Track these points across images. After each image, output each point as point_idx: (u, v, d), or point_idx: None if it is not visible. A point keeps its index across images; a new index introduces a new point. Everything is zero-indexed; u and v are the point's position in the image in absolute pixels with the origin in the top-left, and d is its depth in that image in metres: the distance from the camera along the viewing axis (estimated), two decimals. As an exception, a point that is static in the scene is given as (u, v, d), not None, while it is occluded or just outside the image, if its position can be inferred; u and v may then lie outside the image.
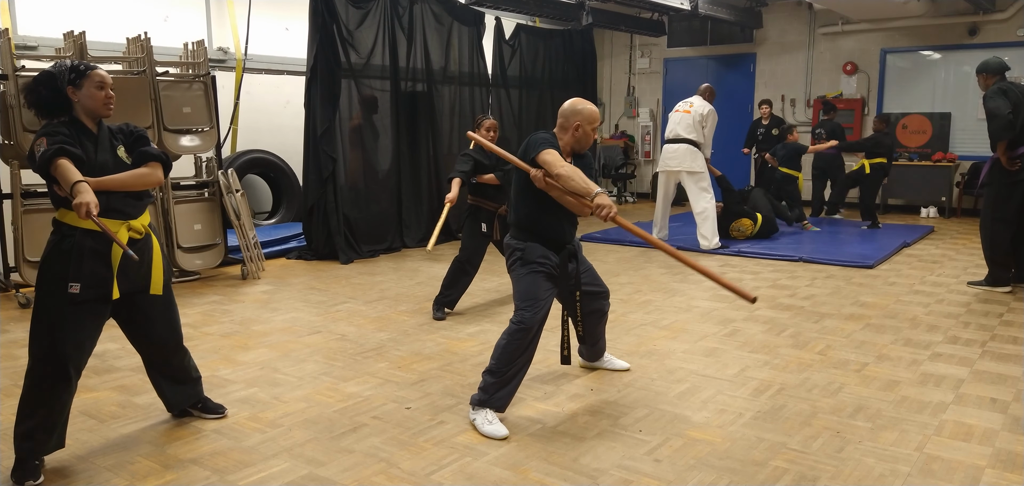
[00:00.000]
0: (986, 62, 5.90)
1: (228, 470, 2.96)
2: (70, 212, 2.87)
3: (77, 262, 2.86)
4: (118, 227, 2.92)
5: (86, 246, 2.87)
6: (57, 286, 2.86)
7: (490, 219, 5.33)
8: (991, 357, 4.32)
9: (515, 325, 3.31)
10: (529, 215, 3.38)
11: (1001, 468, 2.97)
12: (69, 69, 2.92)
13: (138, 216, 3.02)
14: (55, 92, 2.90)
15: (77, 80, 2.91)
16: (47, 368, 2.86)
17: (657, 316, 5.26)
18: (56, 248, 2.89)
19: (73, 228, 2.88)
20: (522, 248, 3.38)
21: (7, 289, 5.88)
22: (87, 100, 2.93)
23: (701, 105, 7.84)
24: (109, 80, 2.99)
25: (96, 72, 2.95)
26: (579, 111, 3.38)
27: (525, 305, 3.32)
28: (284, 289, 6.14)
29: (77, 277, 2.86)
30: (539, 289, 3.34)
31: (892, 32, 10.85)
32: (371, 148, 7.93)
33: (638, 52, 13.03)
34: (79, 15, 6.90)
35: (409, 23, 8.10)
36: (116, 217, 2.92)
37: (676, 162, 7.84)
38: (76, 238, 2.87)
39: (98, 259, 2.90)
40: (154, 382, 3.39)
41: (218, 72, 7.52)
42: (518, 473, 2.94)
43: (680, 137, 7.81)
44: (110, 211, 2.90)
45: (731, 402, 3.65)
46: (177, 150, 6.31)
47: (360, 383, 3.92)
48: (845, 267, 6.97)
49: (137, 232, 3.00)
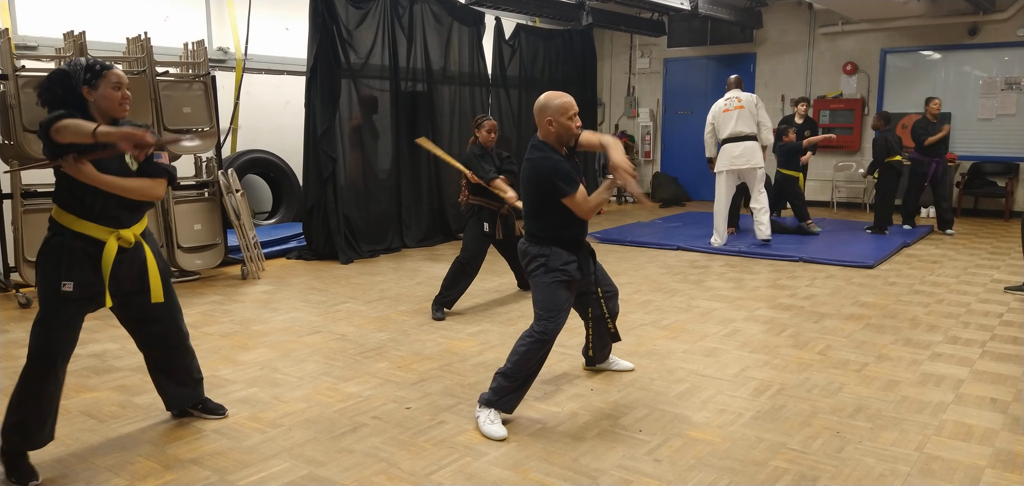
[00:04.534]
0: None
1: (228, 470, 2.96)
2: (61, 210, 2.87)
3: (68, 262, 2.85)
4: (107, 235, 2.90)
5: (76, 247, 2.86)
6: (49, 283, 2.85)
7: (492, 219, 5.33)
8: (991, 357, 4.32)
9: (537, 335, 3.29)
10: (551, 222, 3.34)
11: (1001, 468, 2.97)
12: (85, 68, 2.87)
13: (131, 226, 2.99)
14: (69, 91, 2.86)
15: (93, 80, 2.86)
16: (39, 363, 2.86)
17: (657, 316, 5.26)
18: (46, 244, 2.89)
19: (63, 228, 2.87)
20: (545, 255, 3.33)
21: (7, 289, 5.87)
22: (103, 100, 2.89)
23: (748, 96, 7.79)
24: (125, 80, 2.95)
25: (113, 71, 2.91)
26: (545, 106, 3.30)
27: (548, 316, 3.30)
28: (284, 289, 6.14)
29: (69, 276, 2.84)
30: (561, 299, 3.33)
31: (892, 32, 10.85)
32: (371, 148, 7.93)
33: (638, 52, 13.03)
34: (79, 15, 6.90)
35: (409, 23, 8.10)
36: (110, 224, 2.90)
37: (745, 159, 7.70)
38: (66, 238, 2.86)
39: (87, 261, 2.88)
40: (155, 381, 3.39)
41: (218, 72, 7.52)
42: (518, 473, 2.94)
43: (744, 134, 7.70)
44: (104, 217, 2.88)
45: (731, 402, 3.65)
46: (177, 150, 6.31)
47: (360, 383, 3.92)
48: (845, 267, 6.97)
49: (127, 241, 2.97)
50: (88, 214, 2.87)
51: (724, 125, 7.77)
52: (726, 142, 7.78)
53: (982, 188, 10.44)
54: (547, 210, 3.32)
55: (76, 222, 2.86)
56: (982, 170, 10.50)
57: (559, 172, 3.24)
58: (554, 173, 3.24)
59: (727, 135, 7.75)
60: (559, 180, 3.23)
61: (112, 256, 2.90)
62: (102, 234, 2.89)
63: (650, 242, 8.26)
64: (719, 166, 7.86)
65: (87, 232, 2.87)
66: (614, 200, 12.46)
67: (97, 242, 2.89)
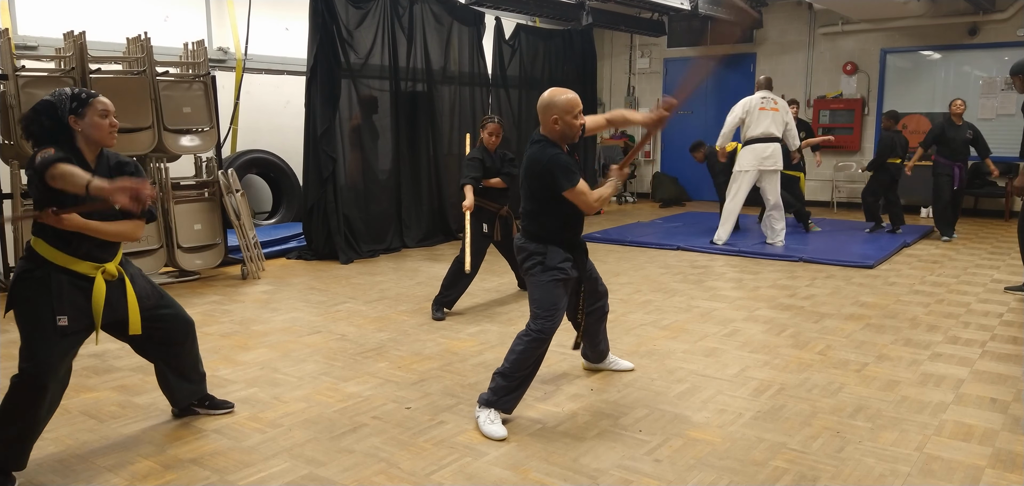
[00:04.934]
0: (1020, 63, 5.86)
1: (228, 470, 2.96)
2: (42, 242, 2.80)
3: (58, 295, 2.79)
4: (93, 271, 2.86)
5: (64, 281, 2.81)
6: (42, 315, 2.79)
7: (491, 220, 5.34)
8: (991, 357, 4.32)
9: (535, 333, 3.28)
10: (550, 220, 3.34)
11: (1001, 468, 2.97)
12: (70, 97, 2.83)
13: (111, 260, 2.95)
14: (56, 121, 2.80)
15: (79, 109, 2.81)
16: (27, 390, 2.79)
17: (657, 316, 5.26)
18: (29, 275, 2.82)
19: (46, 261, 2.80)
20: (543, 253, 3.32)
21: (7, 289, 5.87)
22: (91, 130, 2.84)
23: (780, 100, 7.77)
24: (112, 108, 2.91)
25: (99, 100, 2.87)
26: (552, 103, 3.27)
27: (545, 314, 3.30)
28: (284, 289, 6.14)
29: (61, 310, 2.79)
30: (558, 298, 3.33)
31: (892, 32, 10.86)
32: (371, 148, 7.93)
33: (638, 52, 13.03)
34: (79, 15, 6.90)
35: (409, 23, 8.09)
36: (90, 260, 2.86)
37: (772, 162, 7.67)
38: (51, 271, 2.80)
39: (78, 292, 2.84)
40: (161, 380, 3.37)
41: (218, 72, 7.52)
42: (518, 473, 2.94)
43: (774, 136, 7.67)
44: (86, 255, 2.84)
45: (731, 402, 3.65)
46: (177, 150, 6.31)
47: (360, 383, 3.92)
48: (845, 267, 6.97)
49: (111, 275, 2.93)
50: (74, 251, 2.82)
51: (757, 123, 7.66)
52: (754, 141, 7.67)
53: (982, 188, 10.44)
54: (546, 208, 3.31)
55: (60, 256, 2.81)
56: (982, 170, 10.48)
57: (559, 164, 3.22)
58: (554, 165, 3.22)
59: (758, 134, 7.66)
60: (559, 173, 3.21)
61: (102, 294, 2.87)
62: (88, 270, 2.85)
63: (650, 242, 8.26)
64: (745, 165, 7.73)
65: (73, 267, 2.83)
66: (614, 201, 12.47)
67: (86, 277, 2.86)
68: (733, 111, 7.79)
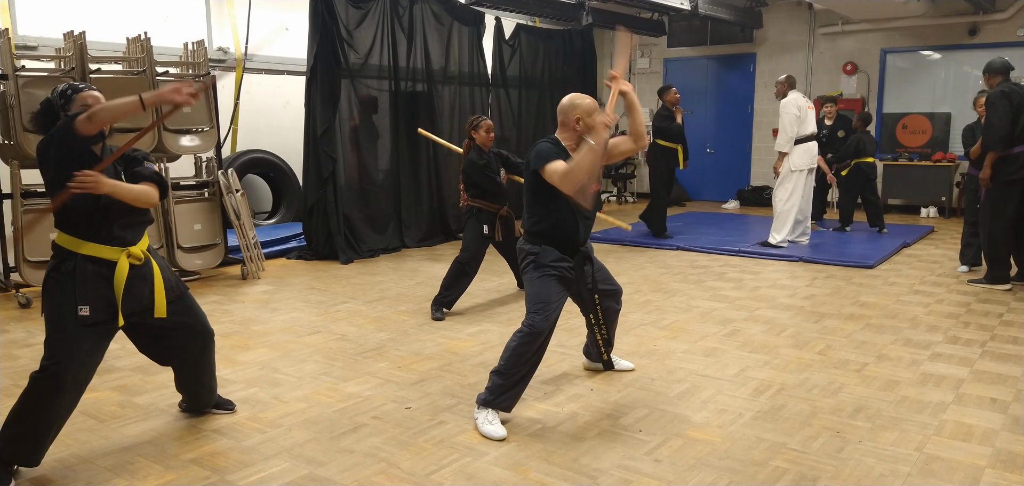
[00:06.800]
0: (991, 62, 5.94)
1: (228, 470, 2.96)
2: (67, 235, 2.85)
3: (82, 284, 2.84)
4: (118, 254, 2.90)
5: (89, 270, 2.86)
6: (65, 309, 2.83)
7: (491, 221, 5.33)
8: (991, 357, 4.32)
9: (526, 329, 3.30)
10: (543, 219, 3.36)
11: (1001, 468, 2.97)
12: (59, 94, 2.94)
13: (137, 242, 3.00)
14: (54, 118, 2.91)
15: (66, 105, 2.91)
16: (44, 385, 2.81)
17: (657, 316, 5.26)
18: (56, 271, 2.87)
19: (72, 252, 2.86)
20: (536, 252, 3.36)
21: (7, 289, 5.87)
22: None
23: None
24: (94, 100, 2.91)
25: (81, 93, 2.92)
26: (576, 105, 3.34)
27: (537, 309, 3.31)
28: (284, 289, 6.14)
29: (84, 299, 2.84)
30: (551, 293, 3.33)
31: (892, 32, 10.86)
32: (371, 148, 7.93)
33: (638, 52, 13.03)
34: (79, 15, 6.90)
35: (409, 23, 8.10)
36: (116, 244, 2.91)
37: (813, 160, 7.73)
38: (76, 261, 2.85)
39: (101, 281, 2.88)
40: (180, 386, 3.41)
41: (218, 72, 7.52)
42: (518, 473, 2.94)
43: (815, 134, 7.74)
44: (111, 238, 2.89)
45: (731, 402, 3.65)
46: (177, 150, 6.31)
47: (360, 383, 3.92)
48: (845, 267, 6.97)
49: (137, 258, 2.97)
50: (97, 236, 2.87)
51: (808, 122, 7.64)
52: (805, 140, 7.63)
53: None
54: (537, 201, 3.36)
55: (85, 245, 2.86)
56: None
57: (539, 152, 3.29)
58: (534, 154, 3.30)
59: (808, 133, 7.64)
60: (533, 157, 3.28)
61: (125, 274, 2.91)
62: (113, 254, 2.90)
63: (650, 242, 8.26)
64: (801, 164, 7.61)
65: (98, 254, 2.87)
66: (614, 200, 12.47)
67: (109, 262, 2.89)
68: (788, 111, 7.46)
